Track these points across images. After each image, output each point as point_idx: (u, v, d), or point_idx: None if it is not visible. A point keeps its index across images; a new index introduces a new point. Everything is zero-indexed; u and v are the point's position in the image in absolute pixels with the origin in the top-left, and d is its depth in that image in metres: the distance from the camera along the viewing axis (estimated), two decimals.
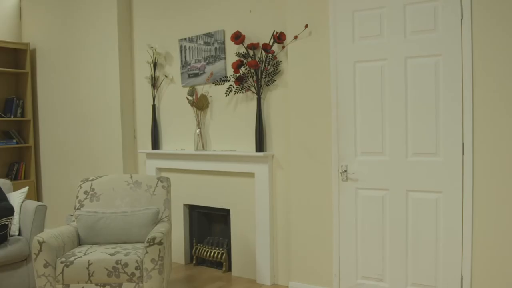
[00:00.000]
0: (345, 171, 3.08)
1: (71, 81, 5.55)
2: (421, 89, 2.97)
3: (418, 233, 3.04)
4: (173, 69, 4.76)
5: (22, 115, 5.98)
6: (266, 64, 3.97)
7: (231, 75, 4.21)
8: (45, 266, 3.26)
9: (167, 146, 4.85)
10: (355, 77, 3.21)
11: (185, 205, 4.71)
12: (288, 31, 3.68)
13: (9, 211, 3.79)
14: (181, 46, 4.62)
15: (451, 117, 2.92)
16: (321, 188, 3.45)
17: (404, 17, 3.01)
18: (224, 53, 4.29)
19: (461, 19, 2.89)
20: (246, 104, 4.17)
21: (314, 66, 3.54)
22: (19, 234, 3.99)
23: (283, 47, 3.80)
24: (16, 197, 4.09)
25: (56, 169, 5.84)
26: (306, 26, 3.55)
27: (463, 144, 2.91)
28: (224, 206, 4.33)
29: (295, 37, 3.58)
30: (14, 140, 5.96)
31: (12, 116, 5.91)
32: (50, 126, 5.86)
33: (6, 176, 5.97)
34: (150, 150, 4.87)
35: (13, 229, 3.95)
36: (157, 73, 4.89)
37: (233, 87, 4.20)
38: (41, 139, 6.03)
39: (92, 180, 3.99)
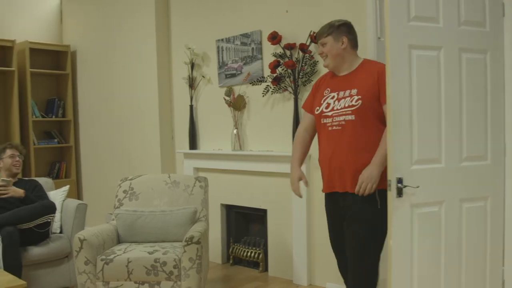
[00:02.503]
0: (400, 184, 2.54)
1: (110, 82, 5.63)
2: (474, 84, 2.80)
3: (472, 246, 2.84)
4: (210, 69, 4.79)
5: (63, 115, 6.10)
6: (303, 64, 3.97)
7: (268, 76, 4.22)
8: (86, 263, 3.33)
9: (204, 146, 4.90)
10: (411, 68, 2.70)
11: (222, 204, 4.73)
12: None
13: (51, 209, 3.86)
14: (218, 47, 4.67)
15: (496, 117, 2.81)
16: None
17: (458, 3, 2.79)
18: (261, 54, 4.32)
19: (503, 17, 2.82)
20: (283, 104, 4.17)
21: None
22: (61, 232, 4.09)
23: None
24: (57, 196, 4.18)
25: (95, 168, 5.95)
26: None
27: (504, 145, 2.83)
28: (262, 206, 4.33)
29: None
30: (56, 140, 6.08)
31: (53, 117, 6.03)
32: (90, 127, 5.95)
33: (48, 175, 6.09)
34: (187, 150, 4.91)
35: (55, 226, 4.06)
36: (195, 73, 4.91)
37: (270, 88, 4.20)
38: (81, 139, 6.13)
39: (131, 179, 4.06)
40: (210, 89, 4.81)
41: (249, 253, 4.46)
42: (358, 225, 2.59)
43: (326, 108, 2.75)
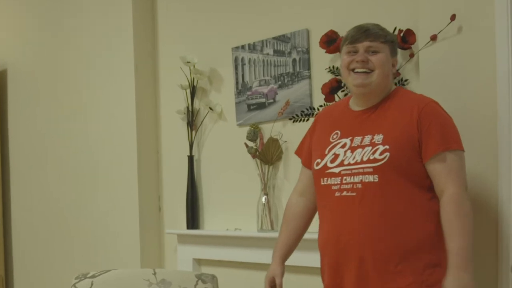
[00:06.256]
0: None
1: (59, 116, 5.47)
2: None
3: None
4: (223, 96, 4.51)
5: None
6: None
7: (321, 106, 3.88)
8: None
9: (211, 223, 4.69)
10: None
11: None
12: (420, 28, 3.46)
13: None
14: (235, 59, 4.38)
15: None
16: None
17: None
18: (309, 69, 4.04)
19: None
20: None
21: (470, 82, 3.24)
22: None
23: (411, 55, 3.60)
24: None
25: (35, 257, 5.69)
26: (453, 17, 3.23)
27: None
28: None
29: (433, 38, 3.34)
30: None
31: None
32: (27, 186, 5.81)
33: None
34: (184, 230, 4.66)
35: None
36: (197, 103, 4.63)
37: None
38: (13, 207, 5.96)
39: (93, 276, 3.74)
40: (222, 128, 4.59)
41: None
42: None
43: (333, 161, 2.82)
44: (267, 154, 4.19)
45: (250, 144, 4.24)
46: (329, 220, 2.87)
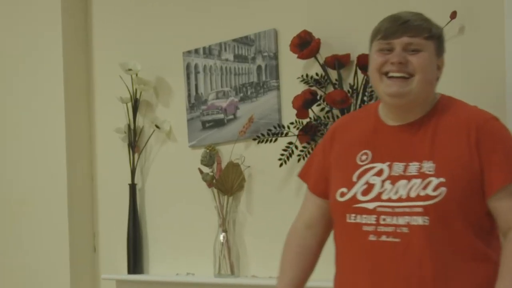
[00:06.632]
0: None
1: None
2: None
3: None
4: (172, 111, 4.36)
5: None
6: (366, 98, 3.61)
7: (292, 123, 3.71)
8: None
9: (158, 267, 4.44)
10: None
11: None
12: None
13: None
14: (187, 66, 4.25)
15: None
16: None
17: None
18: (277, 78, 3.87)
19: None
20: None
21: (474, 87, 3.24)
22: None
23: None
24: None
25: None
26: (454, 14, 3.20)
27: None
28: None
29: None
30: None
31: None
32: None
33: None
34: (125, 275, 4.42)
35: None
36: (140, 120, 4.50)
37: (296, 147, 3.78)
38: None
39: None
40: (171, 151, 4.40)
41: None
42: None
43: (365, 193, 2.44)
44: (226, 182, 3.97)
45: (206, 170, 4.02)
46: (358, 271, 2.53)
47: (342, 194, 2.52)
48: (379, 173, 2.48)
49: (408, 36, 2.41)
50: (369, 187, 2.48)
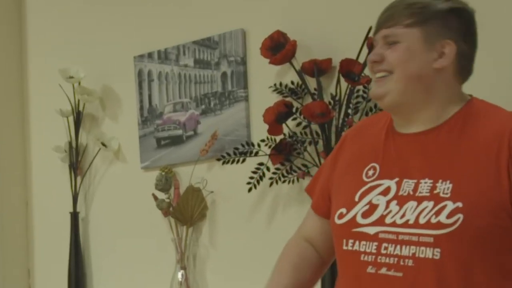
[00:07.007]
0: None
1: None
2: None
3: None
4: (121, 127, 4.17)
5: None
6: (350, 110, 3.49)
7: (262, 140, 3.56)
8: None
9: None
10: None
11: None
12: None
13: None
14: (139, 72, 4.09)
15: None
16: None
17: None
18: (246, 87, 3.78)
19: None
20: (298, 207, 3.60)
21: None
22: None
23: None
24: None
25: None
26: None
27: None
28: None
29: None
30: None
31: None
32: None
33: None
34: None
35: None
36: (84, 136, 4.31)
37: (268, 168, 3.64)
38: None
39: None
40: (120, 173, 4.23)
41: None
42: None
43: (366, 215, 2.16)
44: (185, 210, 3.78)
45: (161, 195, 3.81)
46: None
47: (341, 216, 2.24)
48: (386, 191, 2.20)
49: (386, 27, 2.17)
50: (372, 208, 2.19)
